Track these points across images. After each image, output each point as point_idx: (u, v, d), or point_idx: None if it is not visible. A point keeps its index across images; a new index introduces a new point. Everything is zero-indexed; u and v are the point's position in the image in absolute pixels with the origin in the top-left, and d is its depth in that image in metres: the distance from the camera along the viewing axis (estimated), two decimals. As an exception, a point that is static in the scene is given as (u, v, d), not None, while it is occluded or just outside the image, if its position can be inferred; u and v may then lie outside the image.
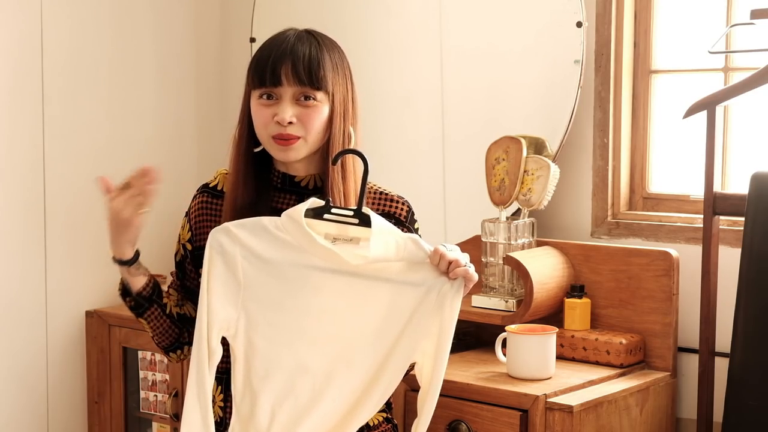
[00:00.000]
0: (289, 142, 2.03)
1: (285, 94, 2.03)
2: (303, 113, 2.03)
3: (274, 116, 2.03)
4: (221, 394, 2.11)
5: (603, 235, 2.92)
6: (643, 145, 2.94)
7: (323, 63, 2.04)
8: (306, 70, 2.02)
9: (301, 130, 2.03)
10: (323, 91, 2.04)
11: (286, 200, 2.11)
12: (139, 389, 3.29)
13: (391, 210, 2.10)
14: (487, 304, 2.82)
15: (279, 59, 2.03)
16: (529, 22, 2.96)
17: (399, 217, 2.10)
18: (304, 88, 2.03)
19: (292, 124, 2.03)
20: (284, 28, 2.12)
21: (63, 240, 3.30)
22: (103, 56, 3.37)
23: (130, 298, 2.08)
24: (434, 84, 3.13)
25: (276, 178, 2.13)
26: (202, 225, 2.14)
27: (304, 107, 2.03)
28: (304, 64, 2.03)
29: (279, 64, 2.03)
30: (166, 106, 3.54)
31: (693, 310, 2.70)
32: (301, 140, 2.04)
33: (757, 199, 2.46)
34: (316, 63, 2.03)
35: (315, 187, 2.11)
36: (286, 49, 2.04)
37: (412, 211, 2.13)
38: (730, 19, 2.79)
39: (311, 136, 2.04)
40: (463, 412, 2.51)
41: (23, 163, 3.21)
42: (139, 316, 2.10)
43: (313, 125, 2.03)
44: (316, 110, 2.04)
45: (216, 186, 2.18)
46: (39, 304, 3.27)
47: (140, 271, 2.06)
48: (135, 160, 3.44)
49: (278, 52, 2.04)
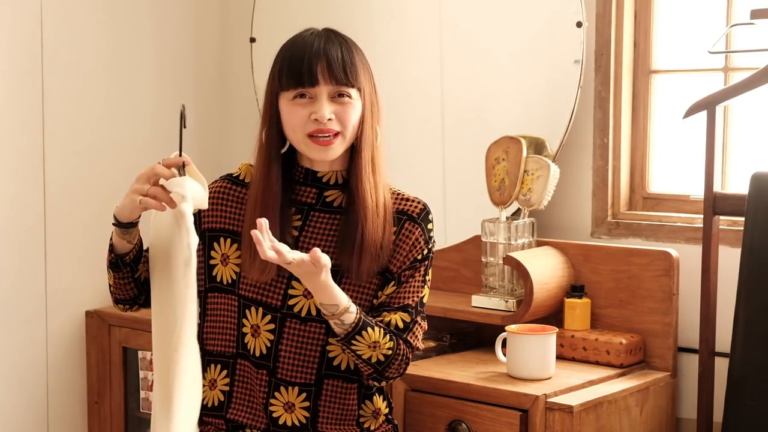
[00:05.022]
0: (329, 141, 2.11)
1: (321, 92, 2.10)
2: (340, 110, 2.11)
3: (310, 115, 2.10)
4: (226, 377, 2.14)
5: (603, 235, 2.92)
6: (643, 145, 2.94)
7: (355, 61, 2.13)
8: (341, 68, 2.10)
9: (339, 125, 2.11)
10: (356, 88, 2.12)
11: (306, 193, 2.19)
12: (139, 389, 3.29)
13: (405, 208, 2.19)
14: (487, 304, 2.83)
15: (313, 59, 2.10)
16: (529, 22, 2.96)
17: (411, 214, 2.19)
18: (339, 86, 2.10)
19: (331, 120, 2.10)
20: (302, 30, 2.19)
21: (63, 240, 3.30)
22: (103, 56, 3.37)
23: (114, 255, 2.13)
24: (434, 84, 3.13)
25: (299, 173, 2.20)
26: (219, 207, 2.20)
27: (340, 104, 2.11)
28: (338, 62, 2.10)
29: (314, 63, 2.10)
30: (165, 106, 3.53)
31: (693, 310, 2.70)
32: (339, 137, 2.11)
33: (757, 199, 2.46)
34: (350, 61, 2.11)
35: (336, 183, 2.19)
36: (319, 49, 2.11)
37: (428, 211, 2.21)
38: (730, 19, 2.79)
39: (348, 131, 2.12)
40: (463, 412, 2.51)
41: (23, 163, 3.21)
42: (111, 269, 2.15)
43: (350, 121, 2.12)
44: (352, 107, 2.12)
45: (239, 176, 2.25)
46: (39, 304, 3.27)
47: (128, 238, 2.10)
48: (135, 160, 3.46)
49: (311, 52, 2.11)
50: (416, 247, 2.16)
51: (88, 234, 3.34)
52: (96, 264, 3.37)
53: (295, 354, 2.14)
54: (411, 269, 2.16)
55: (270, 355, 2.15)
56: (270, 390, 2.16)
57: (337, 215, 2.17)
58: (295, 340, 2.14)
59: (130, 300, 2.18)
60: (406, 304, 2.15)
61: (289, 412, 2.15)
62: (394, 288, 2.15)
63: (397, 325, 2.12)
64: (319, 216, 2.18)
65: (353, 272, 2.12)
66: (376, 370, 2.10)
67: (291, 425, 2.15)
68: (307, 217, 2.18)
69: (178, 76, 3.57)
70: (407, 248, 2.16)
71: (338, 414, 2.17)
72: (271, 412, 2.16)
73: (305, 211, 2.18)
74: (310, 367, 2.15)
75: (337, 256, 2.12)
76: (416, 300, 2.16)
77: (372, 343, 2.07)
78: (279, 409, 2.16)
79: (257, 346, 2.15)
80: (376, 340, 2.07)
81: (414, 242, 2.16)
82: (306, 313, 2.14)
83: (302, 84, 2.09)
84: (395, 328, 2.12)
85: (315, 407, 2.16)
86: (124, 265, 2.12)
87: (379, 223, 2.12)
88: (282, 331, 2.14)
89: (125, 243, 2.10)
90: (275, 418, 2.16)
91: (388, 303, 2.15)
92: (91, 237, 3.34)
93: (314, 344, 2.14)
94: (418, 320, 2.16)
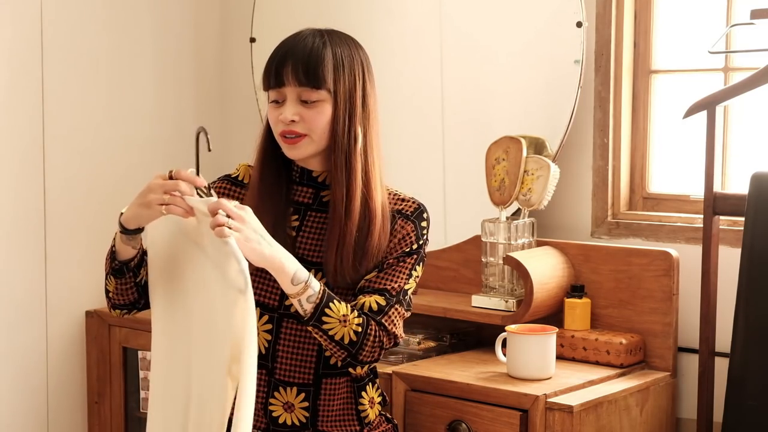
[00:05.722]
0: (295, 140, 2.10)
1: (289, 94, 2.10)
2: (306, 113, 2.09)
3: (279, 116, 2.10)
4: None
5: (603, 235, 2.92)
6: (643, 145, 2.94)
7: (323, 61, 2.09)
8: (304, 69, 2.08)
9: (305, 128, 2.10)
10: (324, 90, 2.08)
11: (302, 193, 2.19)
12: (139, 389, 3.29)
13: (400, 208, 2.17)
14: (487, 304, 2.82)
15: (281, 61, 2.11)
16: (528, 22, 2.96)
17: (405, 212, 2.17)
18: (304, 89, 2.08)
19: (295, 122, 2.09)
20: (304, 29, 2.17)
21: (63, 240, 3.30)
22: (103, 56, 3.37)
23: (117, 261, 2.11)
24: (434, 84, 3.13)
25: (295, 173, 2.20)
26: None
27: (307, 107, 2.09)
28: (302, 64, 2.09)
29: (281, 66, 2.11)
30: (166, 106, 3.54)
31: (693, 310, 2.70)
32: (306, 138, 2.10)
33: (757, 199, 2.46)
34: (315, 62, 2.08)
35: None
36: (291, 51, 2.11)
37: (422, 210, 2.19)
38: (730, 19, 2.79)
39: (316, 134, 2.10)
40: (463, 412, 2.51)
41: (23, 162, 3.21)
42: (113, 276, 2.13)
43: (317, 124, 2.10)
44: (319, 110, 2.10)
45: (237, 177, 2.25)
46: (39, 304, 3.27)
47: (132, 244, 2.08)
48: (135, 160, 3.47)
49: (282, 53, 2.12)
50: (405, 241, 2.14)
51: (88, 234, 3.34)
52: (96, 264, 3.36)
53: (293, 354, 2.14)
54: (396, 259, 2.13)
55: (268, 355, 2.15)
56: (269, 390, 2.16)
57: None
58: (292, 340, 2.14)
59: (129, 305, 2.16)
60: (384, 288, 2.10)
61: (289, 412, 2.15)
62: (374, 274, 2.13)
63: (370, 306, 2.07)
64: (315, 216, 2.18)
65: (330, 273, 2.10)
66: (349, 352, 2.06)
67: (291, 425, 2.15)
68: (304, 217, 2.18)
69: (178, 76, 3.57)
70: (395, 241, 2.14)
71: (338, 411, 2.17)
72: (271, 411, 2.16)
73: (302, 211, 2.18)
74: (308, 367, 2.15)
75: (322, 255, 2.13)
76: (396, 288, 2.11)
77: (341, 317, 2.03)
78: (279, 409, 2.16)
79: None
80: (344, 314, 2.03)
81: (404, 236, 2.14)
82: None
83: (270, 85, 2.11)
84: (368, 310, 2.07)
85: (315, 407, 2.15)
86: (128, 270, 2.10)
87: (352, 225, 2.09)
88: (279, 331, 2.14)
89: (130, 249, 2.08)
90: (275, 418, 2.16)
91: (367, 287, 2.12)
92: (91, 237, 3.34)
93: (311, 344, 2.14)
94: (397, 307, 2.10)
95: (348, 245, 2.09)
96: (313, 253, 2.13)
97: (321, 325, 2.03)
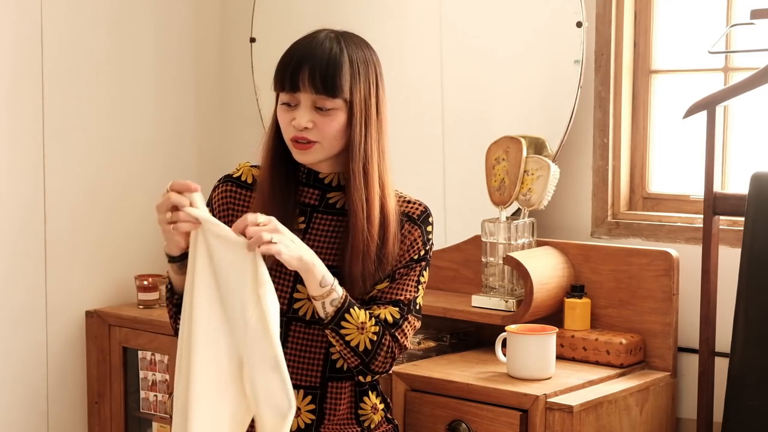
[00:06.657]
0: (306, 146, 2.09)
1: (303, 100, 2.08)
2: (319, 120, 2.08)
3: (292, 120, 2.08)
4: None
5: (603, 235, 2.92)
6: (643, 145, 2.94)
7: (341, 70, 2.07)
8: (322, 77, 2.06)
9: (317, 135, 2.08)
10: (340, 99, 2.06)
11: (309, 195, 2.18)
12: (139, 389, 3.29)
13: (407, 210, 2.17)
14: (487, 304, 2.83)
15: (298, 65, 2.07)
16: (528, 22, 2.96)
17: (412, 215, 2.17)
18: (320, 96, 2.06)
19: (308, 129, 2.07)
20: (318, 29, 2.14)
21: (63, 240, 3.30)
22: (103, 56, 3.37)
23: (177, 296, 2.08)
24: (434, 84, 3.13)
25: (302, 174, 2.19)
26: (227, 213, 2.18)
27: (321, 115, 2.07)
28: (320, 71, 2.06)
29: (297, 70, 2.07)
30: (166, 106, 3.54)
31: (693, 310, 2.70)
32: (318, 144, 2.09)
33: (757, 199, 2.46)
34: (333, 70, 2.06)
35: (338, 185, 2.17)
36: (308, 55, 2.07)
37: (428, 213, 2.19)
38: (730, 19, 2.79)
39: (327, 141, 2.09)
40: (463, 412, 2.51)
41: (23, 163, 3.21)
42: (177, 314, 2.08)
43: (329, 132, 2.08)
44: (333, 118, 2.08)
45: (240, 177, 2.22)
46: (39, 304, 3.27)
47: (184, 271, 2.02)
48: (135, 160, 3.47)
49: (299, 57, 2.08)
50: (414, 248, 2.16)
51: (88, 234, 3.34)
52: (96, 264, 3.38)
53: (301, 357, 2.14)
54: (406, 267, 2.15)
55: None
56: (277, 393, 2.15)
57: (340, 217, 2.17)
58: (300, 343, 2.14)
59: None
60: (398, 300, 2.12)
61: (296, 416, 2.14)
62: (387, 284, 2.14)
63: (386, 319, 2.09)
64: (322, 218, 2.17)
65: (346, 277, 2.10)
66: (362, 360, 2.07)
67: (296, 428, 2.15)
68: (310, 219, 2.17)
69: (179, 76, 3.57)
70: (405, 248, 2.15)
71: (341, 415, 2.17)
72: None
73: (308, 212, 2.17)
74: (315, 371, 2.14)
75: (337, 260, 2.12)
76: (409, 298, 2.14)
77: (360, 323, 2.04)
78: None
79: None
80: (363, 321, 2.04)
81: (412, 242, 2.16)
82: (311, 316, 2.13)
83: (284, 89, 2.08)
84: (384, 322, 2.09)
85: (321, 410, 2.15)
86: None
87: (374, 233, 2.09)
88: (287, 335, 2.14)
89: (183, 277, 2.03)
90: None
91: (380, 297, 2.13)
92: (92, 237, 3.34)
93: (318, 347, 2.14)
94: (410, 318, 2.13)
95: (372, 253, 2.09)
96: (321, 256, 2.12)
97: (339, 329, 2.04)
